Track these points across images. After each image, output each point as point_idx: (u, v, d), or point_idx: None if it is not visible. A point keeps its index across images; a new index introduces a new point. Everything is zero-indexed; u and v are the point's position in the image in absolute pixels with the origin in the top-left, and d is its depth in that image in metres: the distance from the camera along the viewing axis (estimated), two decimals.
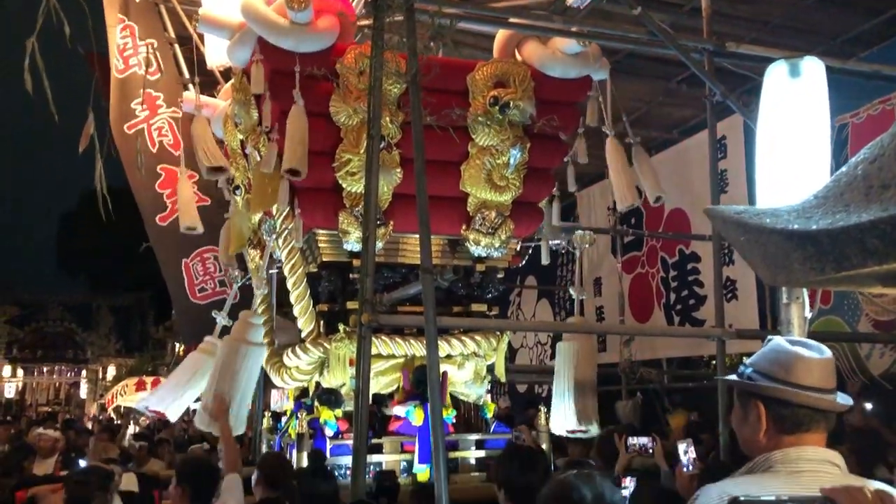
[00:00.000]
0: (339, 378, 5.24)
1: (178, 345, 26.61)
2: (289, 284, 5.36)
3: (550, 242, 6.15)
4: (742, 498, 1.56)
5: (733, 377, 1.93)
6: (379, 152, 4.25)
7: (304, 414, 5.17)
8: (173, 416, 5.62)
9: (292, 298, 5.36)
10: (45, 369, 34.03)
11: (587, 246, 5.54)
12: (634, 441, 4.64)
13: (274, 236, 5.15)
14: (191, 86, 6.70)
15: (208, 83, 6.67)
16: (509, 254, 5.73)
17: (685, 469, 4.44)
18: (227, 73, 6.58)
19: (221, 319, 5.59)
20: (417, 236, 5.56)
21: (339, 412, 5.15)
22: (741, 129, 7.77)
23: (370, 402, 5.31)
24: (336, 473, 4.63)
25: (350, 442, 4.98)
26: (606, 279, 10.11)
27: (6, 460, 6.48)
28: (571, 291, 5.88)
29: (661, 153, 9.22)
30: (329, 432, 5.09)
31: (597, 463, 4.66)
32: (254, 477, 4.06)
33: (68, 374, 34.51)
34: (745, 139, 7.72)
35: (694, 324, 8.48)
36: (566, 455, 6.08)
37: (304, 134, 4.73)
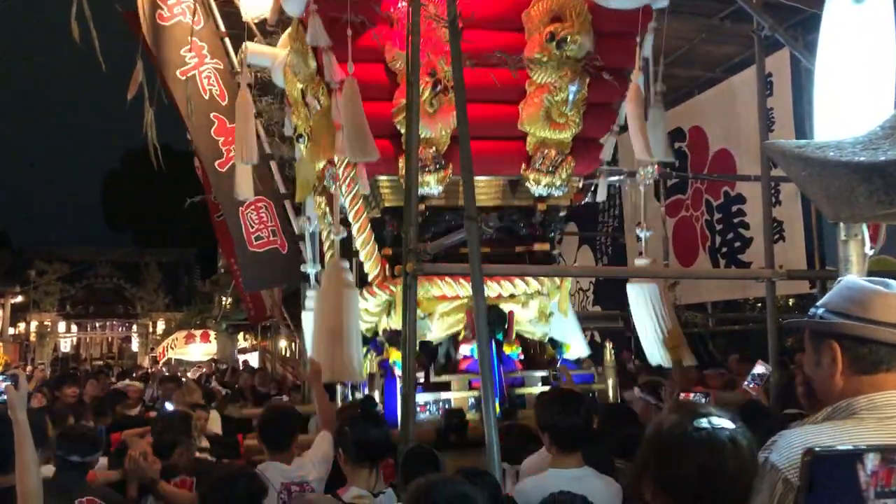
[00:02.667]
0: None
1: (224, 298, 27.14)
2: (354, 230, 5.42)
3: (609, 179, 6.10)
4: (818, 449, 1.46)
5: (806, 318, 1.81)
6: (419, 100, 4.22)
7: (374, 355, 5.28)
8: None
9: (357, 244, 5.44)
10: (97, 324, 35.11)
11: (650, 182, 5.49)
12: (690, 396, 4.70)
13: (335, 187, 5.20)
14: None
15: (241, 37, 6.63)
16: (571, 192, 5.72)
17: (747, 384, 4.58)
18: (261, 26, 6.57)
19: (311, 269, 5.69)
20: (479, 178, 5.63)
21: None
22: (788, 66, 7.60)
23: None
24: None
25: (421, 379, 5.14)
26: (649, 224, 10.05)
27: (100, 403, 6.78)
28: (638, 231, 5.86)
29: (705, 93, 9.06)
30: (398, 371, 5.20)
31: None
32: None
33: (119, 329, 35.57)
34: (793, 76, 7.56)
35: (739, 266, 8.42)
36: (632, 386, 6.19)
37: (361, 115, 4.65)
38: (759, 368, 4.92)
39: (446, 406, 5.19)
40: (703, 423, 1.62)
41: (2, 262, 33.30)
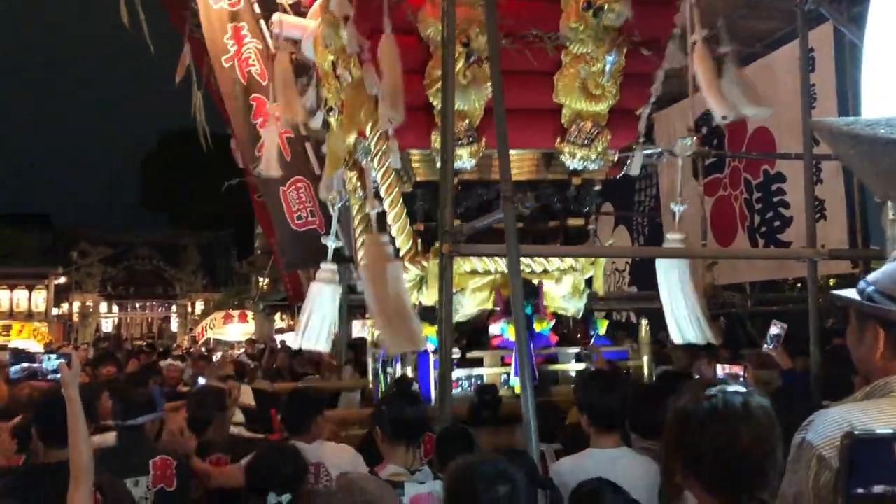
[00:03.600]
0: (437, 295, 5.26)
1: (260, 279, 27.43)
2: (385, 205, 5.37)
3: (644, 152, 5.95)
4: (858, 432, 1.45)
5: (850, 294, 1.76)
6: (454, 74, 4.14)
7: None
8: (328, 347, 5.80)
9: (389, 218, 5.39)
10: (137, 305, 35.76)
11: (688, 155, 5.33)
12: (726, 369, 4.60)
13: (369, 157, 5.15)
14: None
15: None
16: (606, 165, 5.60)
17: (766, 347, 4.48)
18: (294, 7, 6.53)
19: (331, 243, 5.67)
20: (512, 151, 5.53)
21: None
22: (831, 41, 7.37)
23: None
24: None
25: (455, 355, 5.08)
26: (687, 202, 9.88)
27: (135, 376, 6.85)
28: (672, 206, 5.73)
29: (744, 69, 8.81)
30: (430, 347, 5.16)
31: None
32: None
33: (159, 310, 36.19)
34: (836, 51, 7.33)
35: (779, 246, 8.24)
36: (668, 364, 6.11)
37: (399, 75, 4.59)
38: (775, 329, 4.91)
39: (479, 382, 5.14)
40: (714, 391, 1.60)
41: (45, 244, 34.04)
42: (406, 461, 3.13)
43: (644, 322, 5.51)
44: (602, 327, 5.65)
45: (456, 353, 5.21)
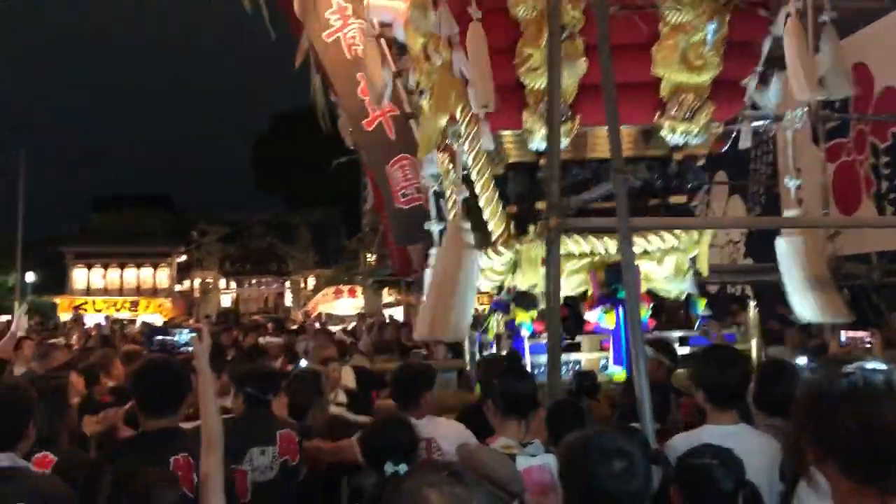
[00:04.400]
0: (531, 279, 5.19)
1: (368, 255, 27.95)
2: (477, 188, 5.30)
3: (753, 124, 5.60)
4: None
5: None
6: (560, 46, 4.00)
7: (501, 315, 5.18)
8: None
9: (481, 202, 5.32)
10: (253, 281, 37.24)
11: (798, 127, 4.99)
12: (852, 335, 4.27)
13: (458, 144, 5.08)
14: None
15: None
16: (710, 139, 5.32)
17: None
18: None
19: (435, 227, 5.67)
20: (606, 129, 5.33)
21: (534, 313, 5.10)
22: None
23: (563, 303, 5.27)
24: (536, 372, 4.63)
25: (545, 341, 4.98)
26: (806, 170, 9.29)
27: (234, 362, 7.08)
28: (787, 181, 5.39)
29: (871, 26, 8.31)
30: (525, 333, 5.08)
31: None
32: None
33: (274, 286, 37.57)
34: None
35: None
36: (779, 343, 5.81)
37: (486, 61, 4.49)
38: None
39: (577, 367, 5.02)
40: (852, 367, 1.54)
41: (167, 224, 35.89)
42: (518, 434, 3.14)
43: (752, 304, 5.21)
44: (701, 305, 5.40)
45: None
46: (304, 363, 5.70)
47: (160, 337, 3.35)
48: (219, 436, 2.80)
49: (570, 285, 5.31)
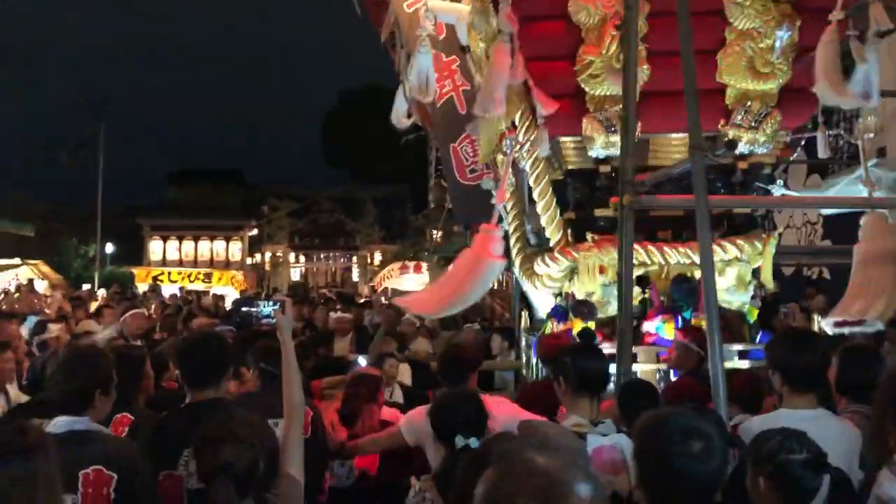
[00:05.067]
0: (589, 287, 5.15)
1: (434, 232, 28.12)
2: (535, 194, 5.28)
3: (829, 133, 5.40)
4: None
5: None
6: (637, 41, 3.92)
7: (555, 322, 5.17)
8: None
9: (539, 208, 5.29)
10: (321, 255, 37.92)
11: (872, 136, 4.78)
12: None
13: (515, 150, 5.05)
14: None
15: None
16: (777, 148, 5.16)
17: None
18: None
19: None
20: (668, 136, 5.23)
21: (591, 324, 5.07)
22: None
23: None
24: None
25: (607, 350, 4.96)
26: (894, 149, 8.85)
27: (303, 346, 7.21)
28: (860, 186, 5.13)
29: None
30: None
31: None
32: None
33: (341, 260, 38.18)
34: None
35: None
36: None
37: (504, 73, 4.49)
38: None
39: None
40: None
41: (239, 198, 36.77)
42: (589, 413, 3.13)
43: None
44: (752, 315, 5.27)
45: (607, 349, 5.09)
46: (362, 361, 5.79)
47: (246, 308, 3.51)
48: (300, 407, 2.93)
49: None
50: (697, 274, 5.16)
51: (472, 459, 2.29)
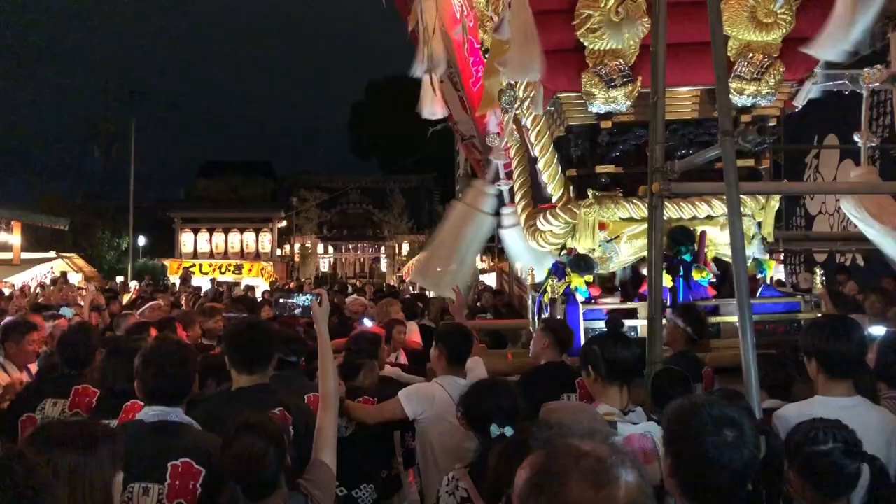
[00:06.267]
0: (589, 243, 5.13)
1: None
2: (536, 151, 5.27)
3: (822, 84, 5.30)
4: None
5: None
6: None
7: (555, 280, 5.16)
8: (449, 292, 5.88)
9: (540, 165, 5.29)
10: (350, 246, 38.07)
11: (876, 85, 4.69)
12: None
13: (514, 108, 5.04)
14: None
15: None
16: (781, 99, 5.09)
17: None
18: None
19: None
20: (675, 90, 5.18)
21: (588, 278, 5.06)
22: None
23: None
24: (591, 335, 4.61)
25: (602, 307, 4.94)
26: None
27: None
28: (855, 137, 5.09)
29: None
30: (580, 298, 5.05)
31: None
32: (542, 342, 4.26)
33: (369, 251, 38.30)
34: None
35: None
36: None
37: (532, 29, 4.43)
38: None
39: (634, 335, 4.96)
40: None
41: (268, 190, 37.05)
42: (620, 402, 3.13)
43: (818, 271, 4.99)
44: (769, 267, 5.20)
45: (612, 303, 5.07)
46: (368, 323, 5.83)
47: (283, 300, 3.68)
48: (335, 395, 2.98)
49: (631, 250, 5.23)
50: (698, 227, 5.14)
51: (509, 446, 2.31)
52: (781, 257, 13.51)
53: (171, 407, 2.71)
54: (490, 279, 22.90)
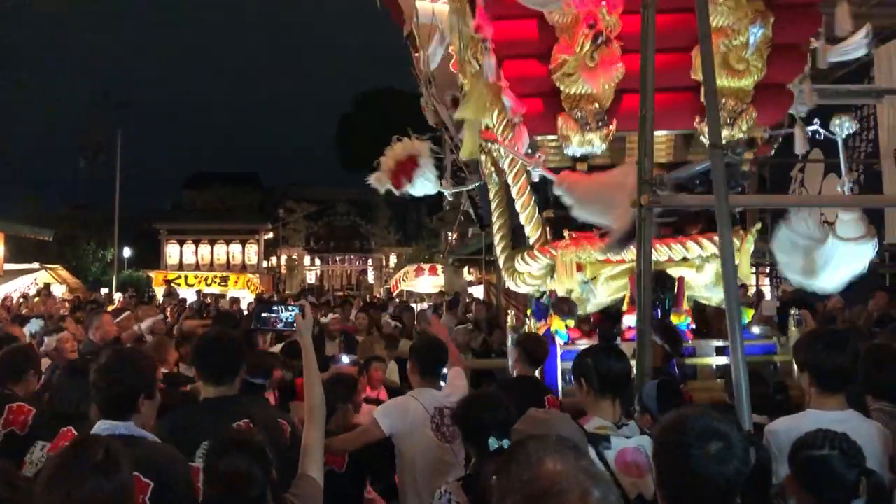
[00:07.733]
0: (566, 284, 5.18)
1: (450, 234, 28.13)
2: (513, 192, 5.31)
3: (810, 128, 5.39)
4: None
5: None
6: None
7: (534, 322, 5.20)
8: None
9: (517, 206, 5.33)
10: (337, 258, 38.05)
11: (849, 132, 4.76)
12: None
13: (494, 147, 5.09)
14: None
15: None
16: (757, 143, 5.16)
17: None
18: None
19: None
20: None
21: (570, 322, 5.10)
22: None
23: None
24: (570, 378, 4.64)
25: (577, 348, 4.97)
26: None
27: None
28: (838, 188, 5.15)
29: None
30: (560, 341, 5.09)
31: None
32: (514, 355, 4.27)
33: (356, 263, 38.30)
34: None
35: None
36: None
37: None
38: None
39: None
40: None
41: (255, 201, 37.00)
42: (613, 415, 3.11)
43: (793, 312, 5.06)
44: (748, 316, 5.27)
45: (584, 344, 5.10)
46: (345, 360, 5.83)
47: (265, 314, 3.61)
48: (321, 409, 2.95)
49: (608, 291, 5.28)
50: (674, 271, 5.20)
51: (497, 461, 2.31)
52: (767, 270, 13.61)
53: (121, 421, 2.65)
54: (478, 291, 22.96)
